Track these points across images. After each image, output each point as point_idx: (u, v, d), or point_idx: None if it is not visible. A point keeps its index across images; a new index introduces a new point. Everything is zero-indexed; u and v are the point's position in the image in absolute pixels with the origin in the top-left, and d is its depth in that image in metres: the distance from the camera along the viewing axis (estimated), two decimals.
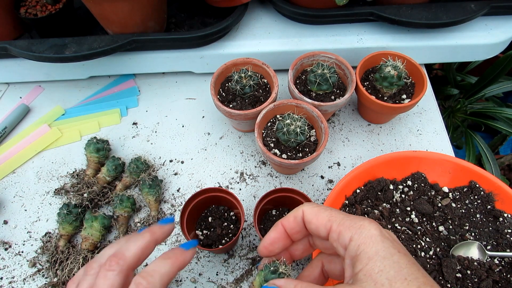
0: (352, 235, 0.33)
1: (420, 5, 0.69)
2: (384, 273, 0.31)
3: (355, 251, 0.33)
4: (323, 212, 0.36)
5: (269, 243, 0.39)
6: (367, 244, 0.33)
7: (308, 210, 0.37)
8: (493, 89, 1.00)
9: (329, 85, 0.63)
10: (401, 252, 0.32)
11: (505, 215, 0.57)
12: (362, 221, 0.34)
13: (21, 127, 0.73)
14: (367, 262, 0.32)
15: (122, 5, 0.62)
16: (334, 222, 0.35)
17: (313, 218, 0.37)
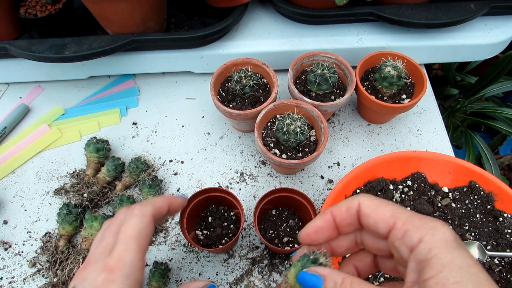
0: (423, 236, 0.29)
1: (420, 5, 0.69)
2: (460, 286, 0.27)
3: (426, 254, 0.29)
4: (385, 207, 0.32)
5: (313, 231, 0.35)
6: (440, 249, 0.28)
7: (366, 202, 0.33)
8: (493, 89, 1.00)
9: (329, 85, 0.63)
10: (478, 265, 0.28)
11: (505, 215, 0.57)
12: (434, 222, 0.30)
13: (21, 127, 0.73)
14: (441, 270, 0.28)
15: (122, 5, 0.62)
16: (399, 219, 0.31)
17: (372, 211, 0.32)
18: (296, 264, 0.34)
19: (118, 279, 0.35)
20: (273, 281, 0.56)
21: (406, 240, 0.30)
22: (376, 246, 0.35)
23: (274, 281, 0.56)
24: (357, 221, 0.34)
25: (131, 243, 0.37)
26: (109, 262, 0.36)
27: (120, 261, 0.36)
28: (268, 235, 0.57)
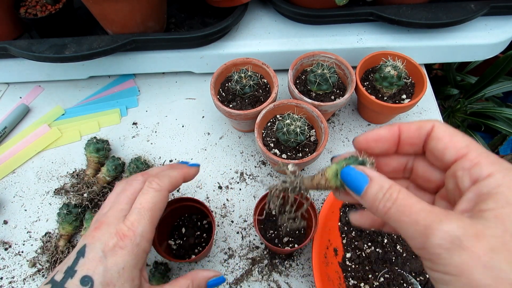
0: (494, 172, 0.28)
1: (420, 5, 0.69)
2: None
3: (492, 189, 0.27)
4: (462, 136, 0.30)
5: (374, 138, 0.34)
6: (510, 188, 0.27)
7: (442, 127, 0.32)
8: (493, 89, 1.00)
9: (329, 85, 0.63)
10: None
11: None
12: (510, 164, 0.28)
13: (21, 127, 0.73)
14: (504, 206, 0.26)
15: (122, 5, 0.62)
16: (474, 151, 0.29)
17: (446, 136, 0.31)
18: (340, 162, 0.32)
19: (128, 246, 0.37)
20: (273, 281, 0.56)
21: (473, 171, 0.29)
22: (427, 175, 0.34)
23: (274, 281, 0.56)
24: (422, 143, 0.33)
25: (145, 214, 0.39)
26: (122, 228, 0.37)
27: (132, 230, 0.37)
28: (268, 235, 0.57)
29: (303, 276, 0.57)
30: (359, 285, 0.53)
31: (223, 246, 0.60)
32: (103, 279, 0.35)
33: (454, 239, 0.25)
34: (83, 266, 0.36)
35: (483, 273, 0.24)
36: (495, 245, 0.25)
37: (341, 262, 0.55)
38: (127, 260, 0.36)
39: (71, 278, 0.36)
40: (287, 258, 0.58)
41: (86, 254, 0.37)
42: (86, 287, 0.35)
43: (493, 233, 0.25)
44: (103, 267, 0.36)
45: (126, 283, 0.36)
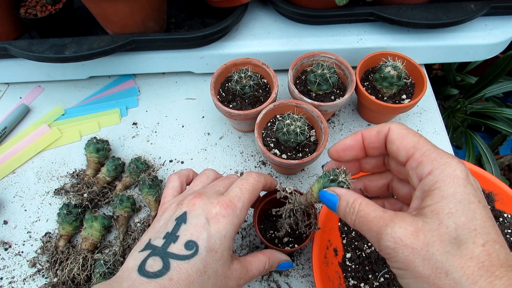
0: (433, 169, 0.31)
1: (420, 5, 0.69)
2: (453, 217, 0.28)
3: (430, 186, 0.30)
4: (411, 137, 0.34)
5: (342, 148, 0.38)
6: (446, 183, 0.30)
7: (396, 129, 0.35)
8: (493, 89, 1.00)
9: (329, 85, 0.63)
10: (481, 203, 0.29)
11: (505, 215, 0.57)
12: (451, 159, 0.31)
13: (21, 127, 0.73)
14: (439, 201, 0.29)
15: (122, 6, 0.62)
16: (419, 150, 0.33)
17: (397, 139, 0.34)
18: (319, 180, 0.39)
19: (230, 215, 0.39)
20: (273, 281, 0.56)
21: (418, 170, 0.32)
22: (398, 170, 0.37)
23: (274, 281, 0.56)
24: (383, 145, 0.36)
25: (245, 193, 0.41)
26: (225, 199, 0.40)
27: (233, 202, 0.40)
28: (268, 235, 0.57)
29: (303, 276, 0.57)
30: (359, 285, 0.53)
31: None
32: (207, 244, 0.37)
33: (396, 240, 0.29)
34: (186, 232, 0.37)
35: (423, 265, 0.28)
36: (431, 239, 0.28)
37: (341, 262, 0.55)
38: (228, 229, 0.38)
39: (173, 243, 0.37)
40: None
41: (188, 220, 0.38)
42: (191, 251, 0.36)
43: (430, 228, 0.29)
44: (207, 233, 0.37)
45: (225, 251, 0.38)
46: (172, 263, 0.36)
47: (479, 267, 0.27)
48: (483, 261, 0.27)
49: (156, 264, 0.36)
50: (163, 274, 0.35)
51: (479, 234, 0.28)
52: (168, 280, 0.35)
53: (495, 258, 0.27)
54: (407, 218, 0.30)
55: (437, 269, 0.28)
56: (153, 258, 0.36)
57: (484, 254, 0.27)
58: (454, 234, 0.28)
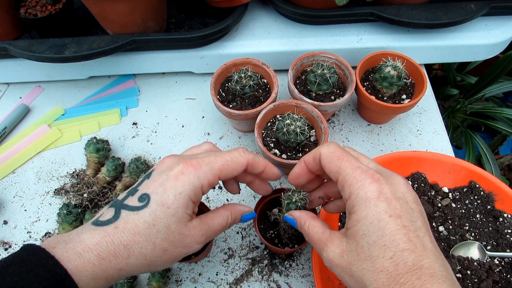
0: (350, 194, 0.35)
1: (420, 5, 0.69)
2: (366, 237, 0.33)
3: (350, 209, 0.35)
4: (335, 161, 0.37)
5: (294, 177, 0.44)
6: (359, 207, 0.34)
7: (324, 154, 0.39)
8: (493, 89, 1.00)
9: (329, 85, 0.63)
10: (393, 216, 0.33)
11: (505, 215, 0.57)
12: (364, 180, 0.35)
13: (21, 127, 0.73)
14: (355, 224, 0.34)
15: (122, 5, 0.62)
16: (340, 175, 0.36)
17: (326, 164, 0.39)
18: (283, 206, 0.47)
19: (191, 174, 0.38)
20: (273, 281, 0.56)
21: (343, 194, 0.37)
22: None
23: (274, 281, 0.56)
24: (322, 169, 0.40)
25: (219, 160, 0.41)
26: (191, 159, 0.40)
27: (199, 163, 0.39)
28: (268, 235, 0.57)
29: (303, 276, 0.57)
30: None
31: (223, 246, 0.60)
32: (159, 198, 0.37)
33: (330, 261, 0.36)
34: (144, 186, 0.39)
35: (350, 280, 0.35)
36: (352, 258, 0.34)
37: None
38: (185, 188, 0.38)
39: (131, 196, 0.38)
40: (287, 258, 0.58)
41: (151, 176, 0.39)
42: (142, 203, 0.37)
43: (350, 249, 0.35)
44: (163, 188, 0.38)
45: (180, 208, 0.38)
46: (123, 213, 0.37)
47: (387, 277, 0.32)
48: (391, 271, 0.31)
49: (108, 214, 0.37)
50: (110, 223, 0.36)
51: (388, 248, 0.32)
52: (114, 228, 0.36)
53: (402, 266, 0.31)
54: (336, 240, 0.37)
55: (359, 283, 0.33)
56: (108, 209, 0.38)
57: (393, 265, 0.32)
58: (368, 252, 0.33)
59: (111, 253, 0.35)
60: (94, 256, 0.35)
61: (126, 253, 0.36)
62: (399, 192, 0.35)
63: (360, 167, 0.36)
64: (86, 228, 0.37)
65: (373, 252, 0.33)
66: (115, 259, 0.35)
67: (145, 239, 0.36)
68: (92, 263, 0.34)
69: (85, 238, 0.35)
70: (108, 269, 0.35)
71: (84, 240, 0.35)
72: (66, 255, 0.34)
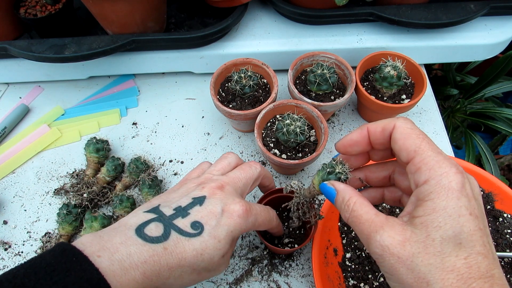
0: (429, 179, 0.31)
1: (419, 5, 0.69)
2: (440, 230, 0.29)
3: (424, 196, 0.31)
4: (414, 139, 0.33)
5: (348, 143, 0.38)
6: (439, 195, 0.30)
7: (400, 128, 0.34)
8: (492, 89, 1.00)
9: (329, 85, 0.63)
10: (472, 215, 0.30)
11: (504, 215, 0.57)
12: (449, 168, 0.31)
13: (21, 127, 0.73)
14: (430, 213, 0.30)
15: (122, 5, 0.62)
16: (419, 155, 0.32)
17: (400, 139, 0.34)
18: (318, 173, 0.40)
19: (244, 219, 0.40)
20: (272, 281, 0.56)
21: (416, 176, 0.32)
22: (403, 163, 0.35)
23: (274, 281, 0.56)
24: (388, 142, 0.36)
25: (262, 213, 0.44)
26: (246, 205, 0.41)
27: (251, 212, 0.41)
28: (268, 235, 0.57)
29: (303, 276, 0.57)
30: (359, 285, 0.53)
31: None
32: (213, 231, 0.38)
33: (384, 248, 0.31)
34: (197, 213, 0.39)
35: (407, 274, 0.30)
36: (417, 250, 0.30)
37: (341, 262, 0.55)
38: (236, 228, 0.39)
39: (181, 218, 0.38)
40: (287, 258, 0.58)
41: (204, 204, 0.39)
42: (195, 231, 0.37)
43: (417, 239, 0.30)
44: (216, 221, 0.38)
45: (227, 245, 0.39)
46: (173, 234, 0.36)
47: (458, 279, 0.28)
48: (463, 273, 0.28)
49: (157, 230, 0.36)
50: (159, 242, 0.36)
51: (463, 247, 0.29)
52: (163, 248, 0.35)
53: (475, 270, 0.28)
54: (396, 226, 0.31)
55: (419, 279, 0.29)
56: (156, 224, 0.37)
57: (465, 266, 0.28)
58: (439, 247, 0.29)
59: (155, 273, 0.35)
60: (139, 274, 0.34)
61: (168, 274, 0.36)
62: (475, 193, 0.32)
63: (441, 153, 0.32)
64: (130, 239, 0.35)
65: (445, 248, 0.29)
66: (157, 278, 0.35)
67: (189, 265, 0.37)
68: (136, 281, 0.34)
69: (133, 253, 0.34)
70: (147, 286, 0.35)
71: (132, 256, 0.34)
72: (112, 269, 0.33)
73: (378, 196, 0.41)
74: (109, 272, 0.32)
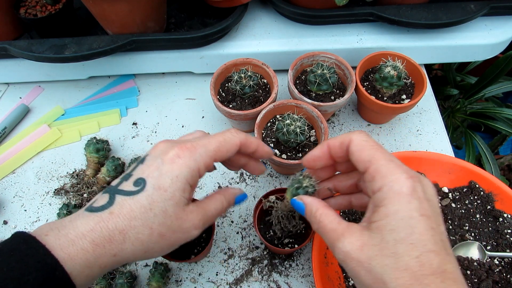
0: (382, 186, 0.33)
1: (419, 6, 0.69)
2: (393, 233, 0.32)
3: (379, 202, 0.33)
4: (368, 150, 0.36)
5: (312, 159, 0.41)
6: (391, 201, 0.32)
7: (355, 141, 0.37)
8: (492, 89, 1.00)
9: (329, 85, 0.63)
10: (424, 216, 0.32)
11: (504, 215, 0.57)
12: (400, 174, 0.33)
13: (21, 127, 0.73)
14: (383, 218, 0.32)
15: (122, 6, 0.62)
16: (373, 165, 0.35)
17: (356, 151, 0.37)
18: (289, 188, 0.43)
19: (187, 157, 0.37)
20: (272, 281, 0.56)
21: (371, 185, 0.35)
22: None
23: (274, 281, 0.56)
24: (347, 155, 0.38)
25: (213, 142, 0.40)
26: (186, 143, 0.39)
27: (194, 146, 0.38)
28: (268, 235, 0.57)
29: (303, 276, 0.57)
30: None
31: (223, 246, 0.60)
32: (156, 182, 0.36)
33: (345, 253, 0.34)
34: (139, 171, 0.38)
35: (366, 276, 0.32)
36: (373, 253, 0.32)
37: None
38: (182, 170, 0.37)
39: (125, 181, 0.37)
40: (287, 258, 0.58)
41: (145, 161, 0.39)
42: (138, 187, 0.36)
43: (373, 243, 0.32)
44: (159, 172, 0.37)
45: (177, 192, 0.37)
46: (117, 198, 0.36)
47: (411, 277, 0.30)
48: (415, 271, 0.30)
49: (102, 200, 0.36)
50: (105, 209, 0.36)
51: (415, 247, 0.31)
52: (109, 213, 0.35)
53: (427, 267, 0.30)
54: (356, 232, 0.34)
55: (377, 279, 0.32)
56: (102, 195, 0.37)
57: (418, 265, 0.30)
58: (393, 249, 0.31)
59: (105, 239, 0.34)
60: (87, 243, 0.34)
61: (122, 238, 0.35)
62: (428, 194, 0.34)
63: (393, 161, 0.35)
64: (79, 215, 0.36)
65: (399, 249, 0.31)
66: (110, 245, 0.34)
67: (141, 224, 0.35)
68: (86, 250, 0.33)
69: (79, 224, 0.34)
70: (102, 256, 0.34)
71: (78, 227, 0.34)
72: (58, 243, 0.33)
73: (345, 203, 0.43)
74: (55, 246, 0.33)
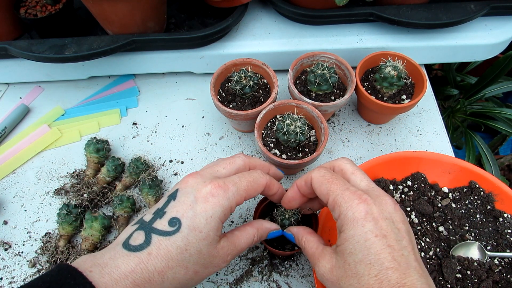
0: (339, 214, 0.37)
1: (420, 6, 0.69)
2: (352, 255, 0.35)
3: (339, 228, 0.38)
4: (325, 184, 0.39)
5: (288, 200, 0.46)
6: (348, 226, 0.36)
7: (315, 178, 0.41)
8: (492, 89, 1.00)
9: (329, 85, 0.63)
10: (379, 236, 0.35)
11: (505, 216, 0.57)
12: (352, 201, 0.37)
13: (21, 127, 0.73)
14: (343, 242, 0.36)
15: (122, 6, 0.62)
16: (330, 197, 0.39)
17: (316, 187, 0.41)
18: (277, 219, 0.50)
19: (220, 196, 0.39)
20: (272, 281, 0.56)
21: (333, 213, 0.39)
22: None
23: (274, 281, 0.56)
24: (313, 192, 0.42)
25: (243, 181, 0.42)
26: (218, 180, 0.40)
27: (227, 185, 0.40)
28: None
29: (303, 276, 0.57)
30: None
31: None
32: (191, 222, 0.37)
33: (321, 275, 0.39)
34: (173, 209, 0.38)
35: None
36: (340, 274, 0.36)
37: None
38: (216, 210, 0.38)
39: (159, 219, 0.38)
40: (287, 259, 0.58)
41: (177, 198, 0.39)
42: (173, 228, 0.37)
43: (339, 265, 0.37)
44: (193, 211, 0.38)
45: (211, 232, 0.38)
46: (154, 238, 0.37)
47: None
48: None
49: (139, 238, 0.37)
50: (143, 248, 0.36)
51: (373, 266, 0.34)
52: (147, 254, 0.36)
53: (386, 284, 0.33)
54: (327, 256, 0.39)
55: None
56: (138, 232, 0.37)
57: (377, 282, 0.33)
58: (354, 270, 0.35)
59: (145, 280, 0.35)
60: (129, 283, 0.35)
61: (160, 279, 0.36)
62: (386, 212, 0.36)
63: (348, 188, 0.38)
64: (118, 252, 0.36)
65: (359, 269, 0.34)
66: (150, 285, 0.36)
67: (178, 264, 0.37)
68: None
69: (120, 264, 0.35)
70: None
71: (119, 266, 0.35)
72: (103, 281, 0.34)
73: None
74: (100, 284, 0.34)
